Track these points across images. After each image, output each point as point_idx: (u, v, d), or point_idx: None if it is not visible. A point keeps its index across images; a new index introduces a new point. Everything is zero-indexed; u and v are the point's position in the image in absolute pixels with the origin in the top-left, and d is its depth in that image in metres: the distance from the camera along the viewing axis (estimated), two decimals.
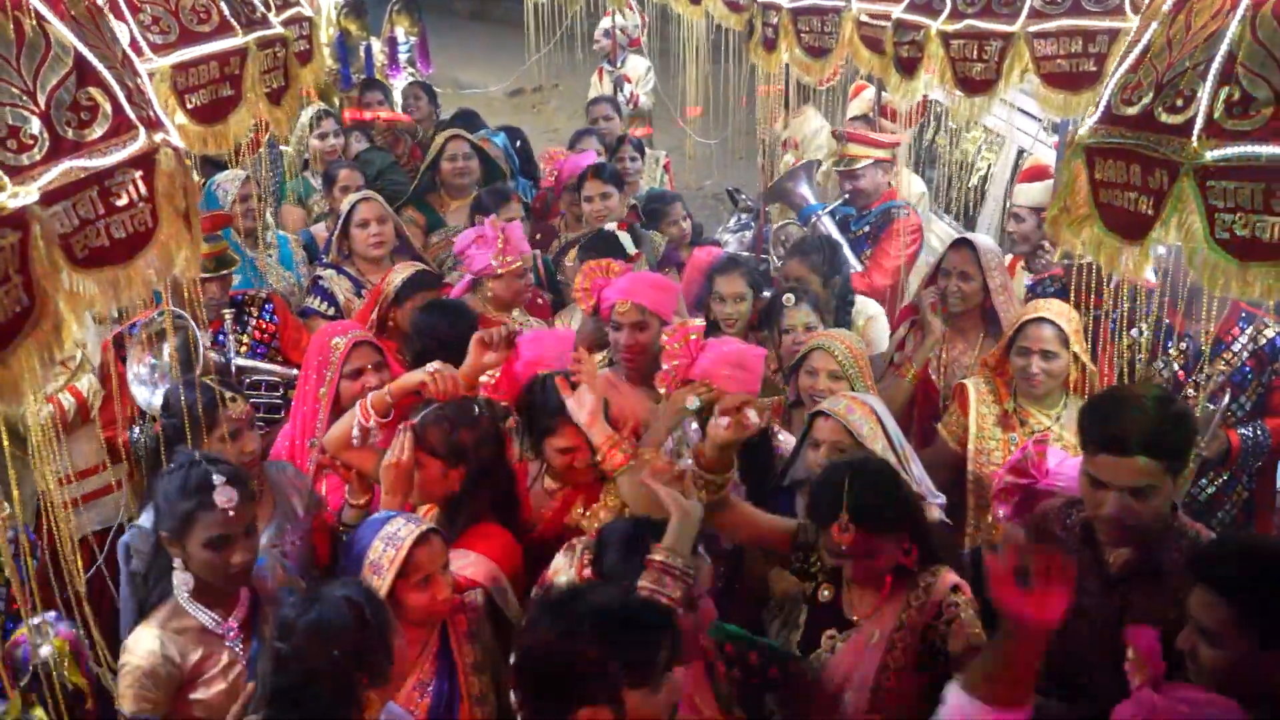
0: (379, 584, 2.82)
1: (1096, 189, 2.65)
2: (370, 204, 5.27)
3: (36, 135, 2.03)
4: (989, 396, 4.12)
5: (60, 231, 2.02)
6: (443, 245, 5.91)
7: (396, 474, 3.25)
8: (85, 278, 2.07)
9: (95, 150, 2.14)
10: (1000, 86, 4.02)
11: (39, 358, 1.90)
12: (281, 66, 3.98)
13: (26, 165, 1.99)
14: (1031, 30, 3.84)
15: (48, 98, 2.07)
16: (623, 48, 9.55)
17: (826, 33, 5.10)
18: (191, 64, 3.43)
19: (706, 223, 7.96)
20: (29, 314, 1.90)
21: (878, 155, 5.87)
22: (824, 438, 3.57)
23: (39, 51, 2.07)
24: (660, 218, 5.84)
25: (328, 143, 7.12)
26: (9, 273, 1.85)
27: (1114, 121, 2.60)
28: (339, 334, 4.01)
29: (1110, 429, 2.78)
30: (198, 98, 3.47)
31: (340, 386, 3.91)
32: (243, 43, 3.63)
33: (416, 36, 10.26)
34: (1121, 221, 2.56)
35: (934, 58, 4.19)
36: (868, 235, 5.85)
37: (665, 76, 9.79)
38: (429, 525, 2.99)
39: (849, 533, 2.91)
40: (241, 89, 3.63)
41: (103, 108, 2.17)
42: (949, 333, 4.62)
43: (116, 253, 2.16)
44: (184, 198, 2.32)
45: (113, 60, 2.26)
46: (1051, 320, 3.93)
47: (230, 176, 5.63)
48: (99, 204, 2.13)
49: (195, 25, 3.45)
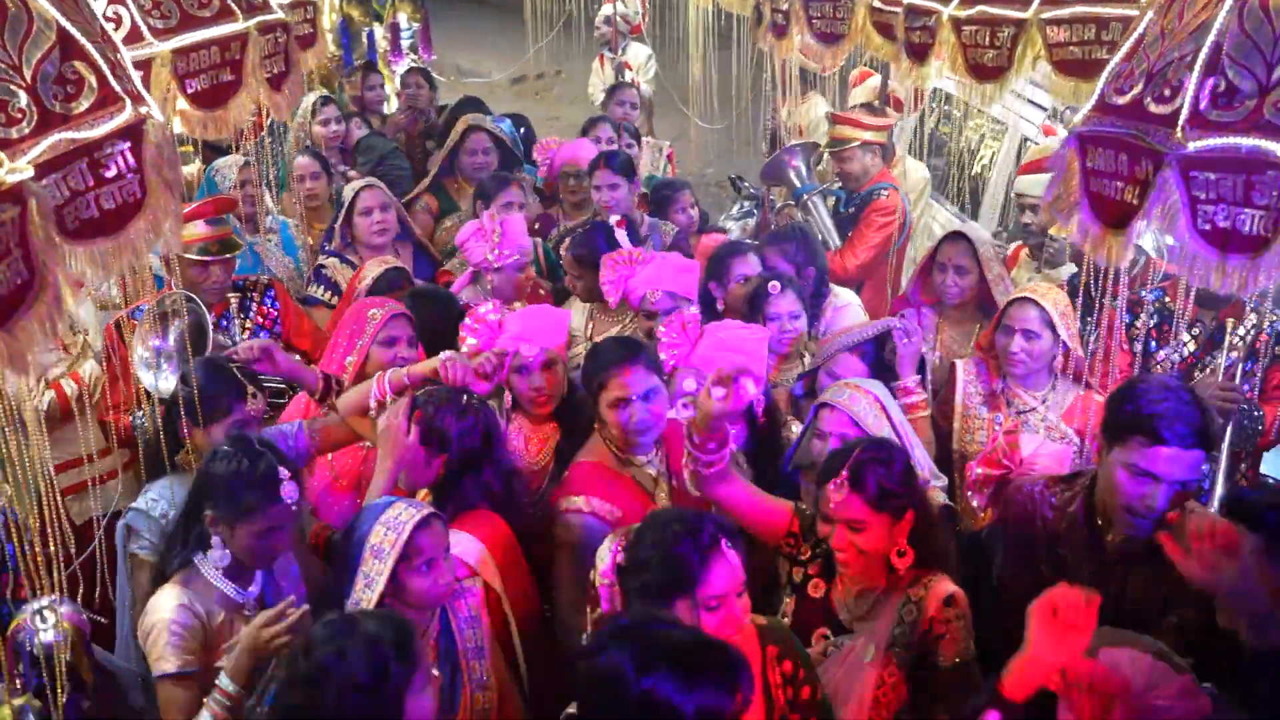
0: (380, 569, 2.82)
1: (1087, 177, 2.65)
2: (373, 191, 5.27)
3: (25, 109, 2.05)
4: (976, 376, 4.12)
5: (53, 204, 2.03)
6: (453, 230, 5.88)
7: (389, 437, 3.25)
8: (76, 248, 2.08)
9: (83, 122, 2.15)
10: (1011, 74, 4.00)
11: (40, 329, 1.93)
12: (283, 52, 3.95)
13: (16, 139, 2.01)
14: (1045, 16, 3.81)
15: (33, 71, 2.08)
16: (624, 35, 9.51)
17: (839, 18, 5.06)
18: (192, 49, 3.40)
19: (709, 210, 7.93)
20: (29, 286, 1.92)
21: (866, 138, 5.85)
22: (831, 429, 3.53)
23: (22, 25, 2.08)
24: (668, 205, 5.81)
25: (330, 128, 7.08)
26: (9, 246, 1.87)
27: (1106, 110, 2.61)
28: (377, 306, 4.03)
29: (1176, 423, 2.79)
30: (199, 83, 3.45)
31: (372, 352, 3.92)
32: (243, 28, 3.60)
33: (419, 23, 10.23)
34: (1107, 210, 2.57)
35: (945, 44, 4.16)
36: (853, 217, 5.87)
37: (666, 64, 9.76)
38: (430, 510, 2.98)
39: (842, 492, 2.89)
40: (242, 74, 3.61)
41: (88, 80, 2.18)
42: (945, 323, 4.62)
43: (107, 224, 2.18)
44: (169, 169, 2.31)
45: (93, 34, 2.26)
46: (1035, 301, 3.92)
47: (229, 162, 5.60)
48: (88, 175, 2.14)
49: (196, 10, 3.43)
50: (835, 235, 5.91)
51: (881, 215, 5.70)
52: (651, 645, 2.15)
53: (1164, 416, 2.79)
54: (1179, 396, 2.83)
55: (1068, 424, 3.92)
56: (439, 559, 2.92)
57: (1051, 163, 2.92)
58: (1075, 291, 4.09)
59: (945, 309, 4.63)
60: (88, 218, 2.11)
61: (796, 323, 4.32)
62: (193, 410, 3.34)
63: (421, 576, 2.88)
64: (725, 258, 4.70)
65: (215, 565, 3.01)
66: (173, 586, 3.01)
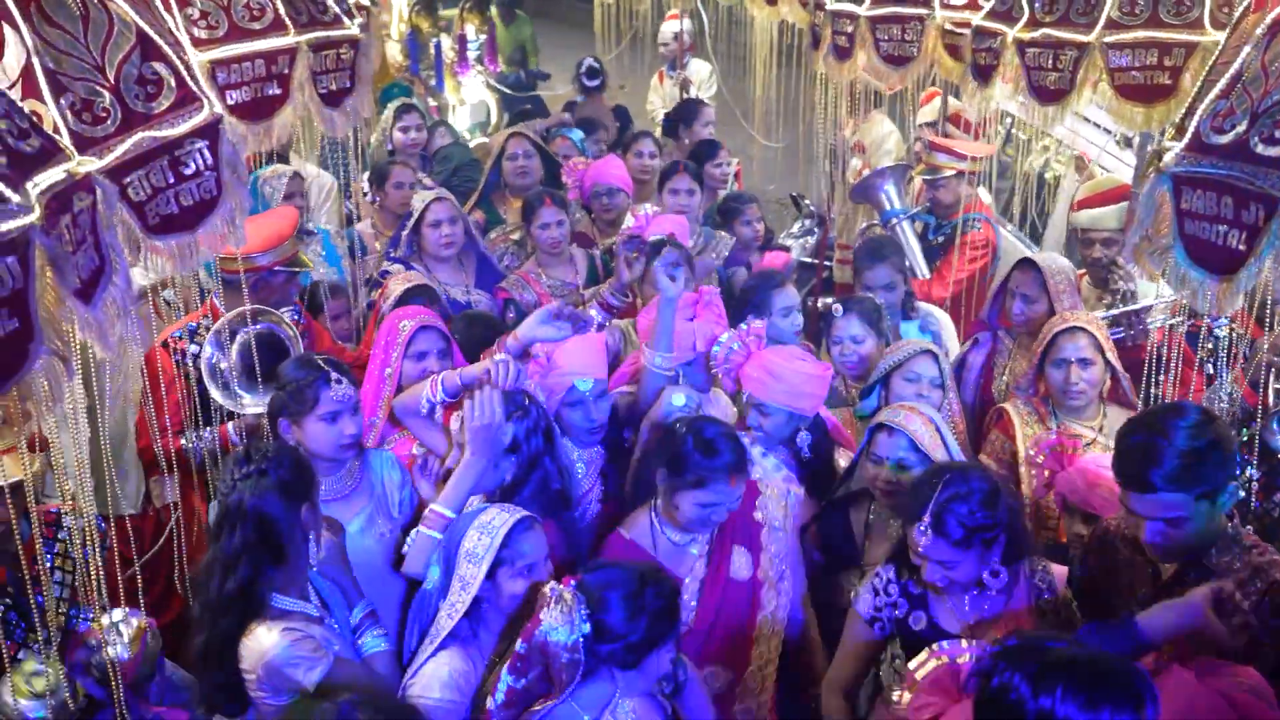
0: (475, 572, 2.88)
1: (1182, 219, 2.56)
2: (443, 204, 5.23)
3: (109, 108, 2.13)
4: (1030, 417, 4.03)
5: (135, 199, 2.10)
6: (500, 240, 5.92)
7: (485, 435, 3.26)
8: (157, 243, 2.15)
9: (164, 121, 2.24)
10: (1074, 97, 3.97)
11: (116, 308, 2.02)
12: (347, 68, 3.92)
13: (101, 137, 2.09)
14: (1107, 41, 3.80)
15: (116, 72, 2.16)
16: (686, 51, 9.53)
17: (907, 40, 5.03)
18: (234, 60, 3.40)
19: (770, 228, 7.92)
20: (102, 270, 1.99)
21: (962, 167, 5.77)
22: (886, 454, 3.48)
23: (104, 28, 2.16)
24: (734, 216, 5.80)
25: (410, 135, 7.14)
26: (85, 233, 1.94)
27: (1204, 150, 2.50)
28: (408, 317, 4.02)
29: (1130, 468, 2.73)
30: (240, 94, 3.45)
31: (404, 367, 3.90)
32: (293, 42, 3.58)
33: (486, 35, 10.35)
34: (1208, 255, 2.48)
35: (1009, 65, 4.16)
36: (942, 246, 5.77)
37: (729, 79, 9.76)
38: (526, 513, 3.01)
39: (928, 537, 2.90)
40: (289, 88, 3.59)
41: (167, 81, 2.27)
42: (1018, 349, 4.55)
43: (186, 219, 2.27)
44: (241, 168, 2.39)
45: (166, 36, 2.34)
46: (1084, 328, 3.87)
47: (277, 171, 5.61)
48: (169, 173, 2.23)
49: (246, 22, 3.43)
50: (923, 263, 5.77)
51: (974, 249, 5.61)
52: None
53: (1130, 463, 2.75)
54: (1159, 439, 2.69)
55: None
56: (539, 563, 2.96)
57: (1136, 198, 2.83)
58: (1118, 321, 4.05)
59: (1019, 335, 4.56)
60: (168, 213, 2.19)
61: (860, 346, 4.27)
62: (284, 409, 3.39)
63: (520, 580, 2.92)
64: (764, 290, 4.56)
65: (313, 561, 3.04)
66: (259, 628, 2.86)
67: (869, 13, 5.15)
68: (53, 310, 1.77)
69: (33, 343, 1.72)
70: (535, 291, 5.05)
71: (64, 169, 1.86)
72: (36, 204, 1.72)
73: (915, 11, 4.99)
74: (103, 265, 1.99)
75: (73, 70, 2.04)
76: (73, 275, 1.85)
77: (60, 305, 1.79)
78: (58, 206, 1.81)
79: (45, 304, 1.75)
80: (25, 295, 1.69)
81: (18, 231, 1.65)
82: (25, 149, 1.78)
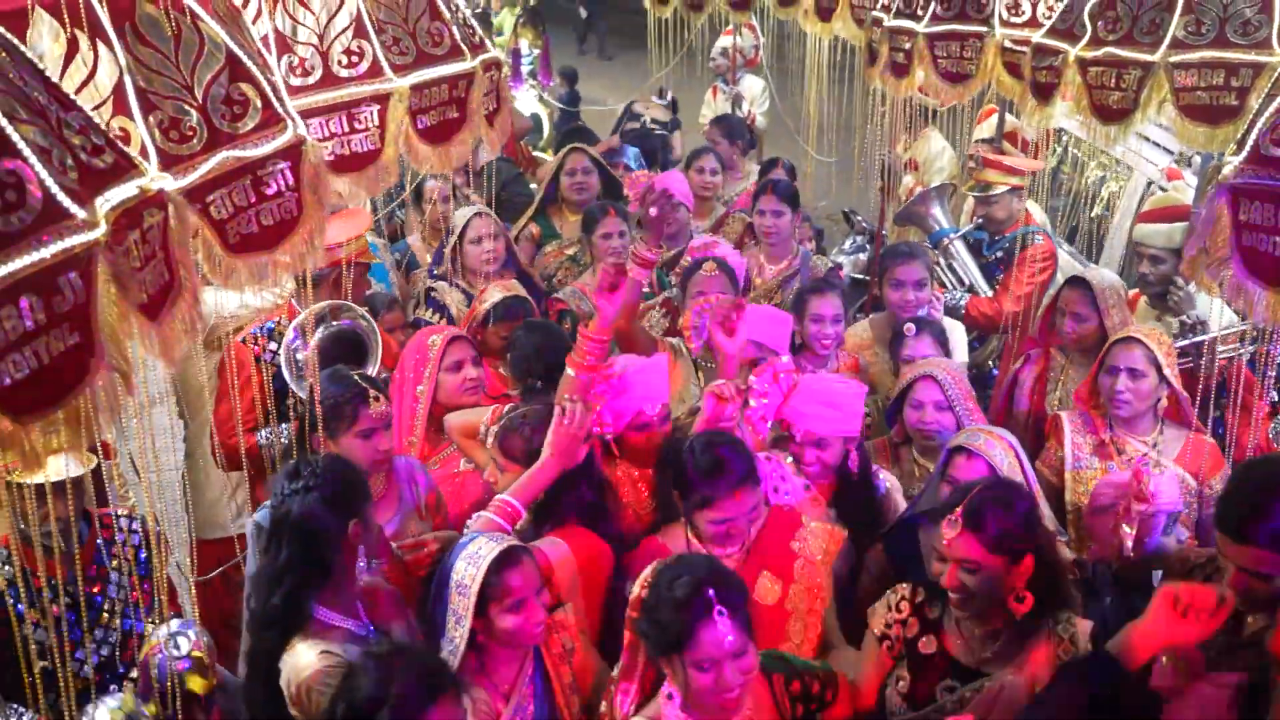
0: (466, 604, 2.81)
1: (1239, 231, 2.55)
2: (484, 220, 5.28)
3: (196, 127, 2.18)
4: (1083, 426, 4.05)
5: (216, 218, 2.14)
6: (554, 255, 5.96)
7: (570, 442, 3.26)
8: (237, 262, 2.19)
9: (248, 142, 2.28)
10: (1137, 117, 3.95)
11: (182, 325, 2.05)
12: (495, 89, 3.96)
13: (187, 155, 2.13)
14: (1172, 60, 3.77)
15: (204, 92, 2.21)
16: (739, 67, 9.54)
17: (966, 58, 5.01)
18: (426, 85, 3.46)
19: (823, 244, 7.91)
20: (170, 286, 2.02)
21: (1014, 183, 5.74)
22: (963, 475, 3.42)
23: (194, 48, 2.21)
24: None
25: None
26: (155, 249, 1.96)
27: (1262, 162, 2.52)
28: (435, 334, 4.10)
29: (1236, 523, 2.64)
30: (428, 119, 3.51)
31: (440, 379, 4.00)
32: (471, 66, 3.63)
33: (540, 49, 10.43)
34: (1264, 266, 2.48)
35: (1071, 84, 4.13)
36: (1000, 260, 5.73)
37: (783, 95, 9.76)
38: (513, 542, 2.96)
39: (956, 529, 2.79)
40: (466, 111, 3.64)
41: (253, 102, 2.30)
42: (1070, 366, 4.56)
43: (266, 239, 2.30)
44: (323, 189, 2.42)
45: (255, 57, 2.38)
46: (1140, 340, 3.86)
47: None
48: (251, 192, 2.27)
49: (430, 48, 3.48)
50: (982, 279, 5.76)
51: (1037, 262, 5.54)
52: None
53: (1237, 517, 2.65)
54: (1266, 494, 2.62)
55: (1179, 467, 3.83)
56: (529, 598, 2.86)
57: (1197, 215, 2.80)
58: None
59: (1070, 353, 4.56)
60: (249, 232, 2.23)
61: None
62: (323, 424, 3.39)
63: (510, 616, 2.84)
64: (805, 295, 4.66)
65: (359, 575, 3.06)
66: (300, 644, 2.88)
67: (927, 29, 5.13)
68: (115, 326, 1.78)
69: (94, 357, 1.73)
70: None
71: (136, 185, 1.89)
72: (104, 220, 1.74)
73: (974, 29, 4.95)
74: (171, 281, 2.02)
75: (163, 89, 2.09)
76: (139, 291, 1.86)
77: (124, 321, 1.80)
78: (127, 222, 1.83)
79: (108, 319, 1.76)
80: (87, 310, 1.71)
81: (82, 248, 1.67)
82: (98, 164, 1.81)
